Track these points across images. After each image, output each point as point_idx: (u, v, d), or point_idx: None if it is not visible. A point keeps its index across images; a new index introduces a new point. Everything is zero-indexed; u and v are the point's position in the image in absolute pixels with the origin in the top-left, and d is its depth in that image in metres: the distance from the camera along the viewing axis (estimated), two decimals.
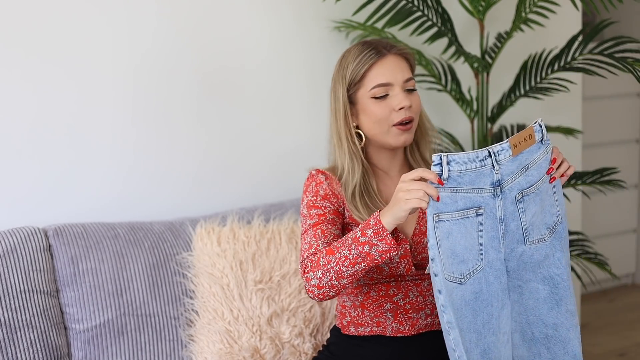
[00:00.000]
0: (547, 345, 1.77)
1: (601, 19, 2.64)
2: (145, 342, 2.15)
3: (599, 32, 2.44)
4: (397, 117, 1.83)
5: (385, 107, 1.83)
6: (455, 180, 1.59)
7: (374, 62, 1.84)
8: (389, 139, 1.85)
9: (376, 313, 1.89)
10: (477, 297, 1.63)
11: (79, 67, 2.32)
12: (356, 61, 1.85)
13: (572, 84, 2.67)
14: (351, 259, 1.67)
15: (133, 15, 2.37)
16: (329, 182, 1.89)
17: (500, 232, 1.66)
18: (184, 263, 2.23)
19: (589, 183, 2.48)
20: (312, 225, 1.84)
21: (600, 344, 3.64)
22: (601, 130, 4.17)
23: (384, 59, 1.84)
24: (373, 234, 1.65)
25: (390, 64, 1.84)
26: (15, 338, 2.02)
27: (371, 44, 1.88)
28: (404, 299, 1.88)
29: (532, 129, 1.68)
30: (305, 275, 1.75)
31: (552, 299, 1.75)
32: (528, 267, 1.73)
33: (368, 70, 1.84)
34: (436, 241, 1.57)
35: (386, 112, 1.83)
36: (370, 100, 1.84)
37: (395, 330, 1.88)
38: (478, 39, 2.69)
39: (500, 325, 1.67)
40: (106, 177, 2.37)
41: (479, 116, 2.61)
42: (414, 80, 1.87)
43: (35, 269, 2.08)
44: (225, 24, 2.50)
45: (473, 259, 1.62)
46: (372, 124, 1.85)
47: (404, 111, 1.83)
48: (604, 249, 3.96)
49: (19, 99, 2.25)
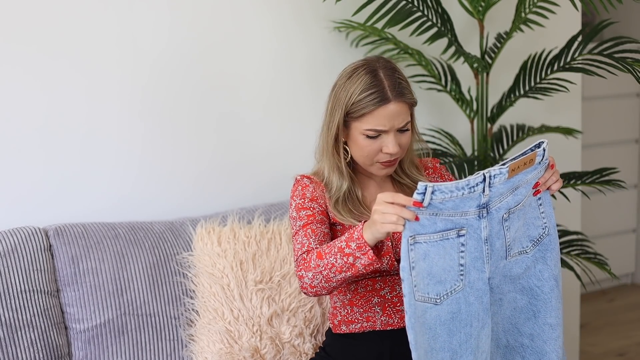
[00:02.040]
0: (523, 354, 1.78)
1: (601, 19, 2.64)
2: (146, 342, 2.15)
3: (598, 32, 2.44)
4: (382, 158, 1.85)
5: (374, 145, 1.84)
6: (437, 207, 1.56)
7: (376, 108, 1.81)
8: (372, 170, 1.89)
9: (365, 308, 1.91)
10: (454, 317, 1.61)
11: (83, 68, 2.32)
12: (360, 97, 1.82)
13: (571, 84, 2.67)
14: (337, 267, 1.71)
15: (138, 17, 2.37)
16: (315, 185, 1.92)
17: (485, 252, 1.64)
18: (185, 263, 2.24)
19: (589, 183, 2.48)
20: (302, 226, 1.86)
21: (600, 343, 3.65)
22: (601, 130, 4.17)
23: (387, 106, 1.81)
24: (356, 247, 1.68)
25: (392, 112, 1.81)
26: (16, 338, 2.02)
27: (376, 79, 1.82)
28: (390, 292, 1.90)
29: (535, 154, 1.65)
30: (298, 273, 1.79)
31: (529, 309, 1.75)
32: (508, 280, 1.72)
33: (368, 112, 1.81)
34: (409, 263, 1.55)
35: (373, 151, 1.85)
36: (362, 136, 1.84)
37: (385, 324, 1.90)
38: (478, 39, 2.69)
39: (480, 345, 1.66)
40: (107, 178, 2.38)
41: (479, 116, 2.61)
42: (409, 122, 1.85)
43: (35, 269, 2.08)
44: (226, 25, 2.50)
45: (451, 280, 1.60)
46: (358, 154, 1.88)
47: (389, 155, 1.85)
48: (604, 248, 3.96)
49: (21, 99, 2.26)
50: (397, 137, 1.84)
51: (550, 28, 2.76)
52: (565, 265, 2.58)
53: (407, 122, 1.85)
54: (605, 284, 4.35)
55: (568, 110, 3.15)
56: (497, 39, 2.68)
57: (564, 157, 3.16)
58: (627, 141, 4.32)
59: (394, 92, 1.81)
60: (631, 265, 4.45)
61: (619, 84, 4.07)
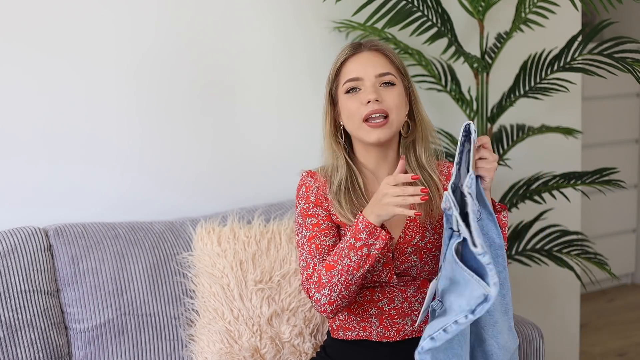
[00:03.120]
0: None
1: (601, 19, 2.64)
2: (146, 342, 2.15)
3: (598, 32, 2.44)
4: (364, 110, 1.82)
5: (355, 100, 1.83)
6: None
7: (346, 57, 1.86)
8: (362, 135, 1.84)
9: (362, 318, 1.90)
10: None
11: (82, 68, 2.32)
12: (336, 59, 1.89)
13: (571, 84, 2.67)
14: (354, 265, 1.71)
15: (136, 15, 2.37)
16: (318, 184, 1.91)
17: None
18: (185, 263, 2.24)
19: (589, 183, 2.49)
20: (308, 238, 1.86)
21: (600, 343, 3.65)
22: (601, 130, 4.17)
23: (357, 55, 1.86)
24: (367, 235, 1.69)
25: (363, 59, 1.85)
26: (16, 338, 2.02)
27: (354, 43, 1.90)
28: (388, 304, 1.88)
29: (476, 140, 1.66)
30: (313, 299, 1.79)
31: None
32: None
33: (341, 65, 1.87)
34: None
35: (355, 106, 1.83)
36: (344, 95, 1.86)
37: (381, 336, 1.89)
38: (478, 39, 2.69)
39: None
40: (107, 178, 2.38)
41: (479, 116, 2.61)
42: (391, 75, 1.84)
43: (35, 269, 2.08)
44: (225, 25, 2.50)
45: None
46: (347, 119, 1.87)
47: (371, 105, 1.81)
48: (604, 248, 3.97)
49: (20, 99, 2.26)
50: (379, 89, 1.83)
51: (550, 28, 2.76)
52: (565, 265, 2.58)
53: (389, 73, 1.84)
54: (605, 284, 4.35)
55: (568, 110, 3.15)
56: (497, 39, 2.69)
57: (564, 157, 3.16)
58: (627, 141, 4.32)
59: (367, 44, 1.88)
60: (631, 265, 4.45)
61: (619, 84, 4.08)
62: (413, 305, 1.88)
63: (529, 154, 3.01)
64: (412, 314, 1.88)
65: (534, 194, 2.60)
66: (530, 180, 2.66)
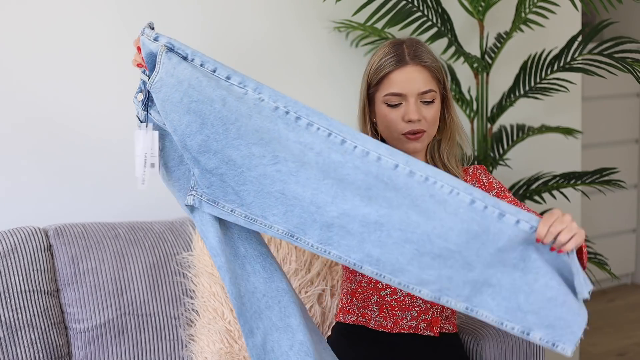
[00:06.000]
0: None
1: (601, 19, 2.64)
2: (146, 342, 2.15)
3: (598, 32, 2.44)
4: (405, 128, 1.83)
5: (396, 115, 1.83)
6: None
7: (391, 70, 1.82)
8: (398, 145, 1.85)
9: (363, 304, 1.92)
10: None
11: (82, 64, 2.32)
12: (378, 63, 1.85)
13: (571, 84, 2.67)
14: None
15: (138, 17, 2.37)
16: None
17: None
18: (185, 263, 2.24)
19: (589, 183, 2.49)
20: None
21: (600, 343, 3.65)
22: (601, 130, 4.17)
23: (402, 69, 1.82)
24: None
25: (408, 74, 1.82)
26: (16, 338, 2.02)
27: (398, 48, 1.84)
28: (391, 295, 1.90)
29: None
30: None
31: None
32: None
33: (385, 76, 1.83)
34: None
35: (396, 120, 1.83)
36: (383, 105, 1.84)
37: (378, 324, 1.91)
38: (478, 39, 2.69)
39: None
40: (107, 177, 2.38)
41: (479, 116, 2.61)
42: (432, 92, 1.83)
43: (35, 269, 2.08)
44: (225, 25, 2.50)
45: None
46: (383, 127, 1.87)
47: (412, 124, 1.82)
48: (604, 248, 3.96)
49: (20, 97, 2.26)
50: (420, 106, 1.82)
51: (550, 28, 2.76)
52: None
53: (431, 90, 1.83)
54: (605, 284, 4.35)
55: (568, 110, 3.15)
56: (497, 39, 2.69)
57: (564, 157, 3.16)
58: (627, 141, 4.32)
59: (411, 55, 1.82)
60: (631, 265, 4.45)
61: (619, 84, 4.07)
62: (415, 301, 1.90)
63: (529, 154, 3.01)
64: (413, 309, 1.90)
65: (534, 194, 2.60)
66: (530, 180, 2.67)
